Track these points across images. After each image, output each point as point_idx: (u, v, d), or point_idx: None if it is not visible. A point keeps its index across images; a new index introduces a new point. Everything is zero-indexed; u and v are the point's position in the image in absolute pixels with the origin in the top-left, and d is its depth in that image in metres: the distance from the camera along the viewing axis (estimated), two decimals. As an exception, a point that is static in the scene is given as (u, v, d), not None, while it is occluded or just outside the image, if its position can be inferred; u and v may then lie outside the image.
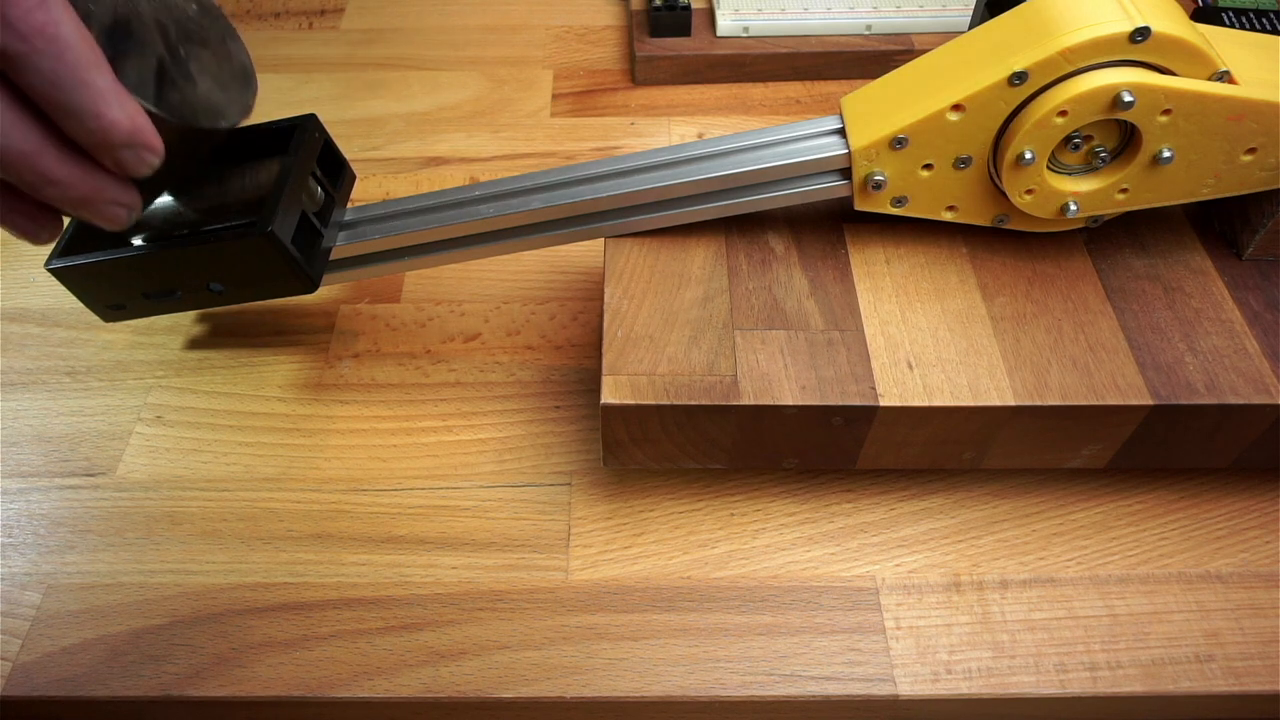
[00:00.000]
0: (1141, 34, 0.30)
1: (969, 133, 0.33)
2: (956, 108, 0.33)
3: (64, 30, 0.27)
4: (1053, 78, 0.32)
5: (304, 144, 0.37)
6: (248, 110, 0.36)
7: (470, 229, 0.38)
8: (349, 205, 0.41)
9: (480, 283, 0.48)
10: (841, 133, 0.35)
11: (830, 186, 0.36)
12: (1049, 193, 0.34)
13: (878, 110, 0.35)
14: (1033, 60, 0.31)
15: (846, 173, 0.35)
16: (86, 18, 0.30)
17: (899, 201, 0.36)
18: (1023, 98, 0.32)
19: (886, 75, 0.35)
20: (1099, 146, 0.33)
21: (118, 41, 0.31)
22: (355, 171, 0.41)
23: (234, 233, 0.36)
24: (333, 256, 0.39)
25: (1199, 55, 0.31)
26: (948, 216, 0.36)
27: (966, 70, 0.33)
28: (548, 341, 0.45)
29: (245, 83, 0.36)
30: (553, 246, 0.40)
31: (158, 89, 0.32)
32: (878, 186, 0.35)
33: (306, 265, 0.37)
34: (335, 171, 0.40)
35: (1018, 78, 0.32)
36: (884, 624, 0.36)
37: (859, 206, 0.36)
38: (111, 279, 0.38)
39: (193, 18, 0.35)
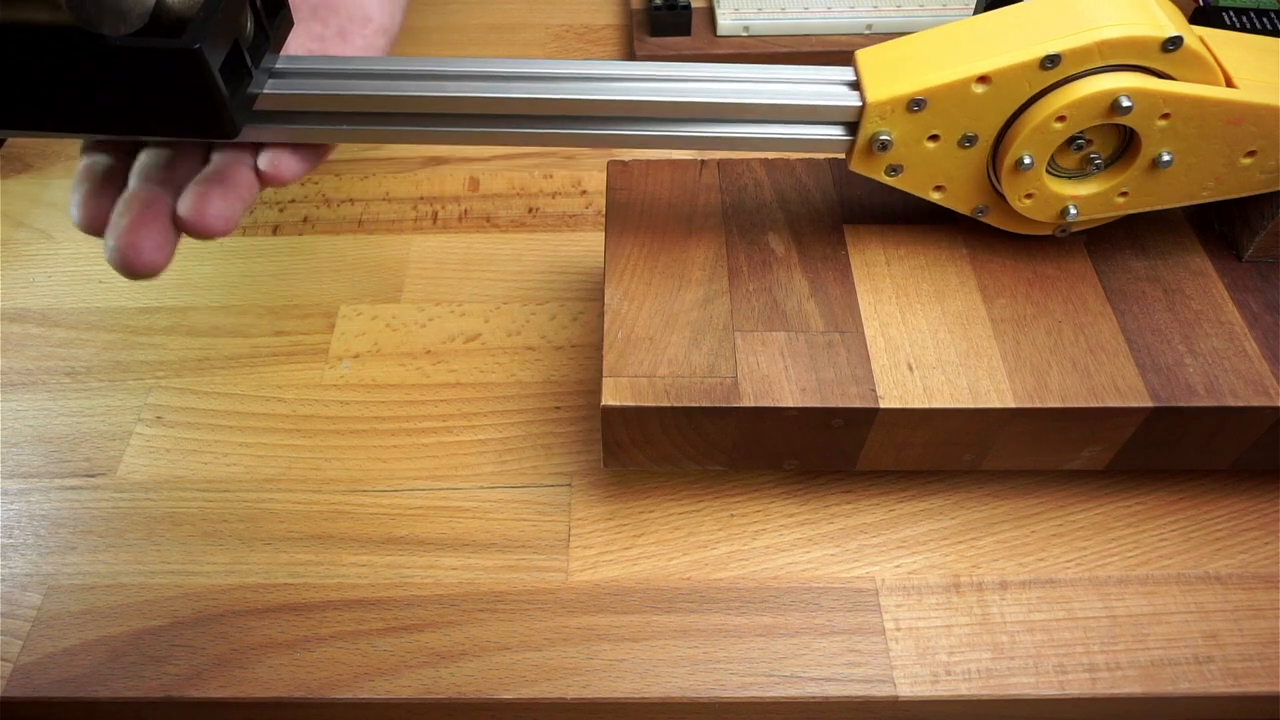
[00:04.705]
0: (1174, 43, 0.30)
1: (987, 109, 0.33)
2: (983, 79, 0.32)
3: None
4: (1083, 68, 0.31)
5: None
6: (146, 11, 0.30)
7: (427, 106, 0.33)
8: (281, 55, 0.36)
9: (480, 283, 0.48)
10: (854, 85, 0.34)
11: (831, 138, 0.35)
12: (1049, 197, 0.34)
13: (898, 68, 0.33)
14: (1069, 46, 0.31)
15: (852, 127, 0.34)
16: None
17: (894, 170, 0.35)
18: (1048, 83, 0.32)
19: (907, 37, 0.34)
20: (1095, 153, 0.33)
21: None
22: (293, 19, 0.36)
23: (155, 41, 0.30)
24: (258, 106, 0.34)
25: (1207, 66, 0.31)
26: (934, 196, 0.36)
27: (998, 45, 0.32)
28: (548, 342, 0.45)
29: None
30: (523, 147, 0.34)
31: None
32: (883, 148, 0.34)
33: (230, 103, 0.31)
34: (271, 8, 0.34)
35: (1050, 60, 0.31)
36: (883, 625, 0.36)
37: (854, 166, 0.35)
38: None
39: None
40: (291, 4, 0.37)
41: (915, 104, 0.33)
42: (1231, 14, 0.51)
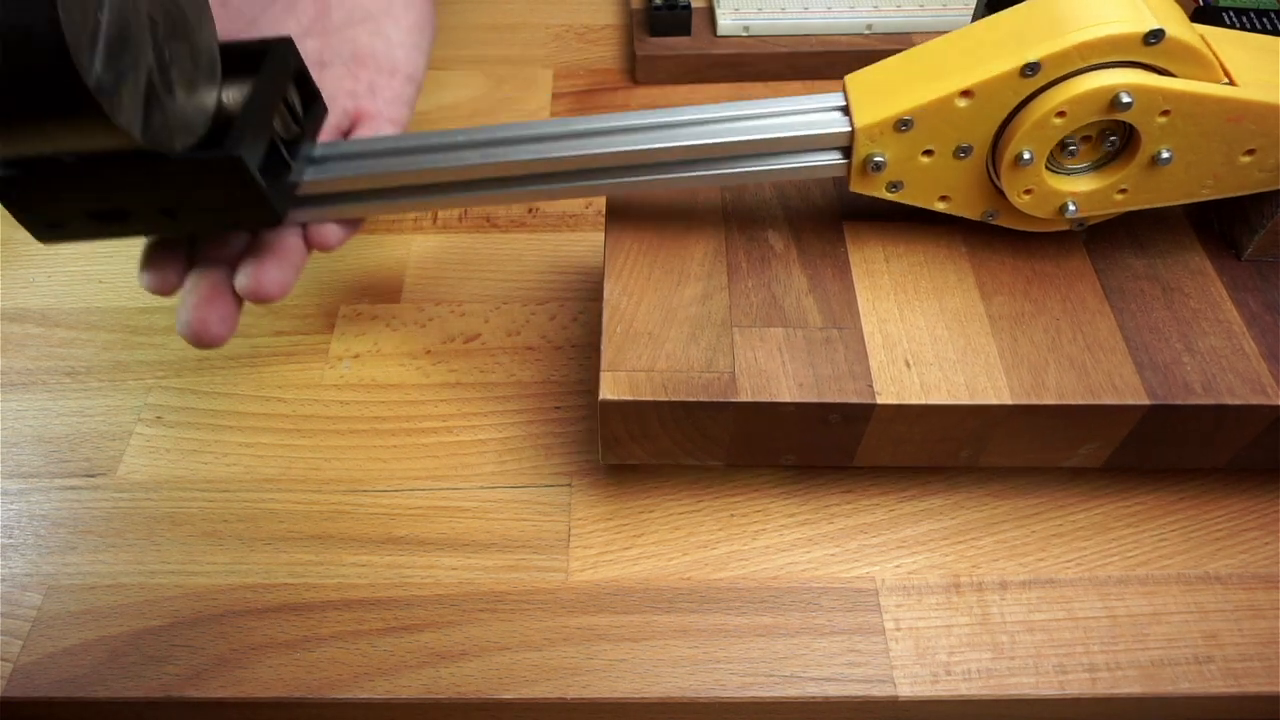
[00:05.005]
0: (1155, 36, 0.30)
1: (974, 121, 0.33)
2: (965, 93, 0.32)
3: None
4: (1064, 72, 0.31)
5: (276, 68, 0.35)
6: (209, 119, 0.33)
7: (451, 175, 0.36)
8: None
9: (480, 283, 0.48)
10: (844, 110, 0.35)
11: (828, 164, 0.35)
12: (1047, 193, 0.34)
13: (884, 90, 0.34)
14: (1047, 52, 0.31)
15: (846, 151, 0.35)
16: (95, 31, 0.27)
17: (894, 186, 0.35)
18: (1032, 89, 0.32)
19: (893, 57, 0.35)
20: (1082, 146, 0.33)
21: (116, 57, 0.28)
22: (328, 107, 0.39)
23: (199, 153, 0.32)
24: (299, 192, 0.37)
25: (1204, 62, 0.31)
26: (940, 206, 0.36)
27: (978, 57, 0.32)
28: (548, 342, 0.45)
29: (211, 75, 0.34)
30: (537, 202, 0.37)
31: (145, 115, 0.30)
32: (877, 168, 0.34)
33: (272, 197, 0.34)
34: (306, 101, 0.37)
35: (1030, 69, 0.31)
36: (883, 625, 0.36)
37: (854, 188, 0.36)
38: (56, 194, 0.34)
39: (179, 0, 0.32)
40: (325, 59, 0.41)
41: (902, 124, 0.33)
42: (1231, 14, 0.51)
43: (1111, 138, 0.33)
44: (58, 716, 0.36)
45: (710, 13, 0.59)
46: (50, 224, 0.35)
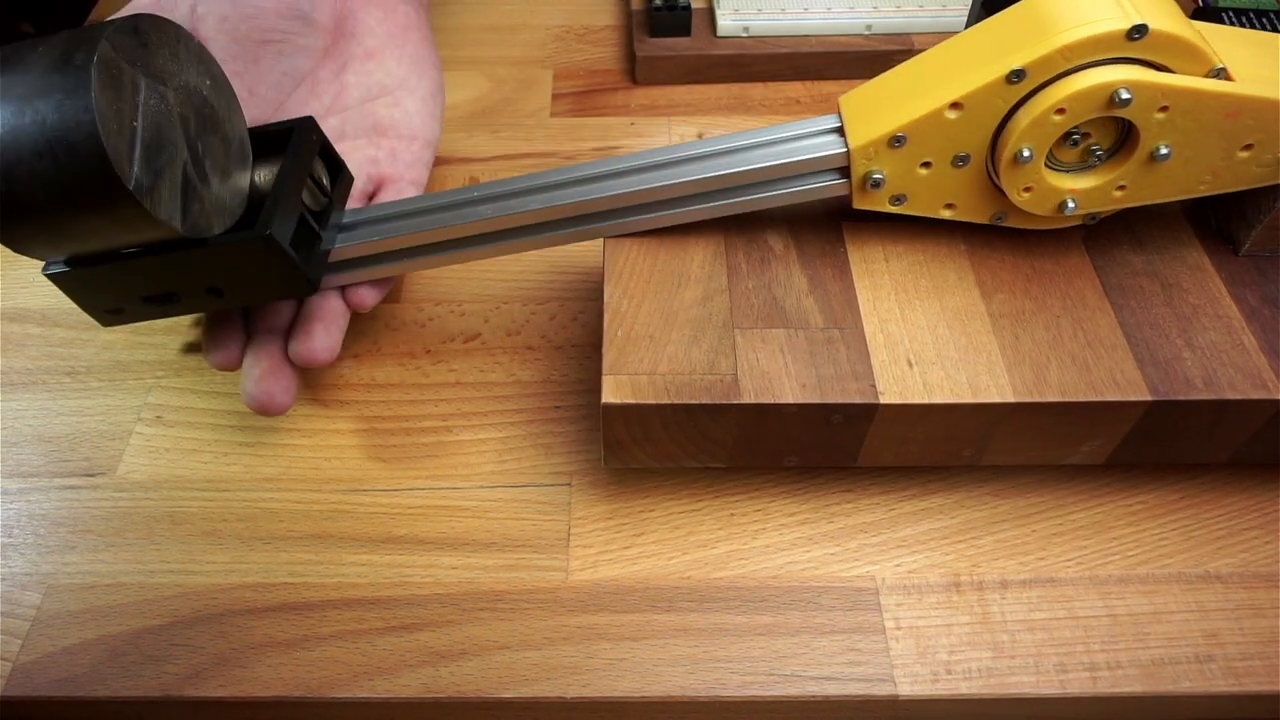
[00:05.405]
0: (1139, 31, 0.30)
1: (967, 130, 0.33)
2: (955, 105, 0.33)
3: None
4: (1050, 75, 0.32)
5: (301, 146, 0.37)
6: (244, 200, 0.36)
7: (469, 230, 0.38)
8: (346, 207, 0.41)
9: (480, 283, 0.48)
10: (840, 131, 0.35)
11: (829, 185, 0.36)
12: (1047, 190, 0.34)
13: (876, 109, 0.35)
14: (1031, 58, 0.31)
15: (845, 171, 0.35)
16: (132, 138, 0.30)
17: (897, 200, 0.36)
18: (1020, 95, 0.32)
19: (884, 74, 0.35)
20: (1095, 144, 0.33)
21: (153, 158, 0.31)
22: (353, 174, 0.41)
23: (232, 236, 0.35)
24: (331, 258, 0.39)
25: (1195, 52, 0.31)
26: (946, 214, 0.36)
27: (964, 68, 0.33)
28: (548, 341, 0.45)
29: (243, 160, 0.36)
30: (553, 247, 0.40)
31: (184, 206, 0.32)
32: (876, 185, 0.35)
33: (305, 267, 0.37)
34: (332, 174, 0.39)
35: (1015, 75, 0.32)
36: (884, 624, 0.36)
37: (858, 205, 0.36)
38: (110, 283, 0.37)
39: (208, 97, 0.34)
40: (347, 132, 0.45)
41: (895, 140, 0.34)
42: (1231, 14, 0.51)
43: (1097, 152, 0.33)
44: (57, 716, 0.36)
45: (710, 13, 0.59)
46: (110, 310, 0.38)
